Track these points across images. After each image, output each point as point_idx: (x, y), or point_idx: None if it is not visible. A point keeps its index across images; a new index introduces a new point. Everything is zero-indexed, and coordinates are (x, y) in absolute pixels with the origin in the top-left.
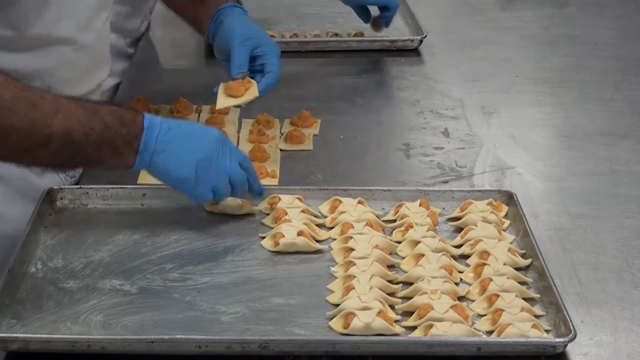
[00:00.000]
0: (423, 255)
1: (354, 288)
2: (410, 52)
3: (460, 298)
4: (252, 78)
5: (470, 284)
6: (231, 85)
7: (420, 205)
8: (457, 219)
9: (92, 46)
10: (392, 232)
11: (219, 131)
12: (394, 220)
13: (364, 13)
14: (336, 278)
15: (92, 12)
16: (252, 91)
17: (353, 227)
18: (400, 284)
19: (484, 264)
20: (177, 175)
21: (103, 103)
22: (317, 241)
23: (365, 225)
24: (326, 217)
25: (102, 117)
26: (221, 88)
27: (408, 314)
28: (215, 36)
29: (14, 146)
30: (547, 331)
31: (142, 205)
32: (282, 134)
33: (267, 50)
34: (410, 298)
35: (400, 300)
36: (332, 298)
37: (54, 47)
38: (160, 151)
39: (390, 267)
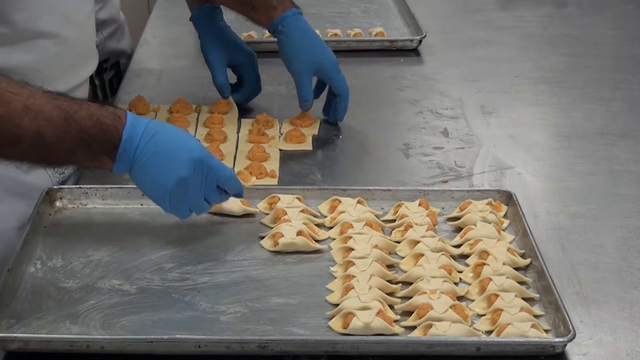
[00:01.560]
0: (422, 255)
1: (353, 288)
2: (409, 52)
3: (460, 298)
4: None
5: (469, 284)
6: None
7: (419, 205)
8: (457, 218)
9: (76, 40)
10: (391, 232)
11: (201, 147)
12: (394, 220)
13: (317, 88)
14: (335, 278)
15: (73, 5)
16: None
17: (352, 227)
18: (400, 284)
19: (484, 264)
20: (153, 195)
21: (83, 103)
22: (317, 241)
23: (364, 225)
24: (325, 216)
25: (79, 121)
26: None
27: (407, 313)
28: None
29: None
30: (546, 331)
31: (142, 205)
32: (281, 134)
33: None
34: (410, 298)
35: (399, 300)
36: (332, 298)
37: (35, 41)
38: (140, 164)
39: (390, 266)
